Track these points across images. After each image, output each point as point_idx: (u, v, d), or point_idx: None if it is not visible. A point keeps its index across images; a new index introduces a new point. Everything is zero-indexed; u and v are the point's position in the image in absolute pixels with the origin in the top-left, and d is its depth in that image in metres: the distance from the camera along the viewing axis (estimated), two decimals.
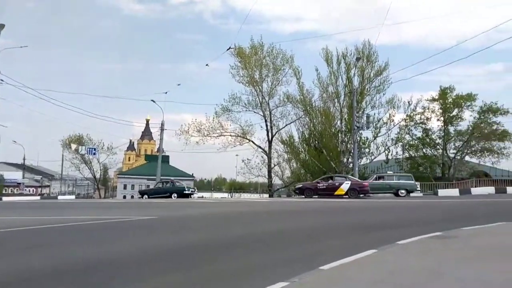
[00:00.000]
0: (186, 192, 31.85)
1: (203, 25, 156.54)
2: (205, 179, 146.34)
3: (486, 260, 5.67)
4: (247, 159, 39.12)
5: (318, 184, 26.31)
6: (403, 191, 27.04)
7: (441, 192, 29.03)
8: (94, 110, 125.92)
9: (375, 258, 6.06)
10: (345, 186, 25.04)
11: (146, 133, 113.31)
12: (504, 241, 7.19)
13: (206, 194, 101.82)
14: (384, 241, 7.48)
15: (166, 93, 37.72)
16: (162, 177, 39.63)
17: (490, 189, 29.34)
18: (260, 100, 38.64)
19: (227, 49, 28.92)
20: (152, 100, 38.20)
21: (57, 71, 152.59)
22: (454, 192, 28.45)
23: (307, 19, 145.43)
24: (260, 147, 39.40)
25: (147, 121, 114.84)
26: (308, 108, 40.99)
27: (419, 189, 30.34)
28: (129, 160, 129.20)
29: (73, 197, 40.13)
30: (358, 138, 41.04)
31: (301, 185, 27.79)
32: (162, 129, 38.99)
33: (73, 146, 44.14)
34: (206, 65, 36.27)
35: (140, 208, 17.67)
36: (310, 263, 5.85)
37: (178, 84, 44.63)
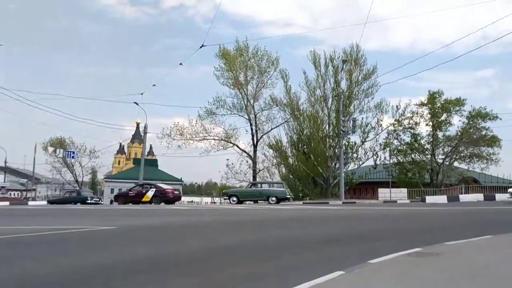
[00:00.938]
0: (89, 201, 36.11)
1: (194, 29, 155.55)
2: (196, 183, 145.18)
3: None
4: (231, 163, 38.16)
5: (129, 192, 28.90)
6: (273, 199, 28.15)
7: (429, 199, 28.26)
8: (84, 114, 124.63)
9: (339, 283, 5.10)
10: (150, 193, 27.17)
11: (136, 137, 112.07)
12: (491, 262, 6.24)
13: (196, 199, 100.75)
14: (355, 258, 6.57)
15: (142, 94, 36.63)
16: (145, 181, 38.58)
17: (479, 196, 28.67)
18: (245, 103, 37.78)
19: (200, 47, 27.99)
20: (135, 103, 37.11)
21: (45, 74, 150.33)
22: (442, 199, 27.72)
23: (298, 24, 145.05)
24: (244, 151, 38.46)
25: (137, 124, 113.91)
26: (295, 112, 40.20)
27: (288, 196, 30.52)
28: (119, 164, 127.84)
29: (44, 202, 38.61)
30: (346, 143, 40.54)
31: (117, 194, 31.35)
32: (145, 132, 37.98)
33: (50, 149, 42.80)
34: (180, 64, 35.06)
35: (104, 216, 16.55)
36: None
37: (153, 85, 43.41)
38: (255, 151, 38.47)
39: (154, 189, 27.81)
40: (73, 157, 43.41)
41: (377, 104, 38.97)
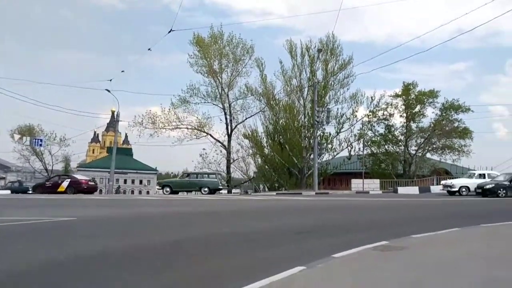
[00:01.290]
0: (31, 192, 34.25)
1: (170, 17, 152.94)
2: (172, 172, 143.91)
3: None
4: (205, 153, 37.56)
5: (46, 183, 29.70)
6: (206, 189, 28.24)
7: (401, 190, 28.46)
8: (57, 101, 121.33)
9: (298, 280, 4.79)
10: (65, 184, 27.65)
11: (111, 125, 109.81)
12: (455, 258, 6.03)
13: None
14: (318, 253, 6.28)
15: (111, 80, 35.55)
16: (116, 170, 37.91)
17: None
18: (220, 91, 37.14)
19: (168, 32, 27.21)
20: (107, 90, 36.02)
21: (15, 61, 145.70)
22: (414, 190, 27.95)
23: (275, 13, 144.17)
24: (218, 141, 37.90)
25: (112, 112, 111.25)
26: (271, 101, 39.85)
27: (221, 187, 30.51)
28: (93, 152, 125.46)
29: (8, 192, 37.15)
30: (321, 133, 40.54)
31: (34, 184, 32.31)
32: (117, 120, 37.01)
33: (16, 136, 41.34)
34: (149, 49, 34.05)
35: (67, 207, 15.87)
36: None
37: (122, 71, 42.29)
38: (229, 140, 37.97)
39: (69, 180, 28.39)
40: (40, 145, 41.95)
41: (353, 95, 39.02)
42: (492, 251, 6.53)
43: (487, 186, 23.04)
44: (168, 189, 28.74)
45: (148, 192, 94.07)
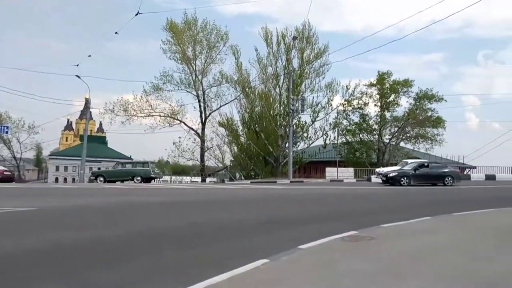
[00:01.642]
0: None
1: (147, 3, 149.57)
2: (197, 160, 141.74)
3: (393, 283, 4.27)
4: (179, 141, 36.89)
5: None
6: (138, 178, 28.13)
7: (374, 178, 28.52)
8: (26, 88, 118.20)
9: (258, 275, 4.51)
10: None
11: (85, 113, 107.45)
12: (423, 250, 5.84)
13: None
14: (285, 244, 6.02)
15: (77, 65, 34.45)
16: (89, 158, 37.03)
17: None
18: (193, 78, 36.42)
19: (136, 15, 26.38)
20: (77, 76, 34.95)
21: None
22: None
23: (252, 1, 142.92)
24: (192, 128, 37.27)
25: (86, 100, 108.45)
26: (247, 89, 39.42)
27: (153, 175, 30.04)
28: (66, 141, 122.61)
29: None
30: (297, 122, 40.40)
31: None
32: (88, 107, 36.00)
33: None
34: (116, 33, 33.01)
35: (27, 196, 15.23)
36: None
37: (89, 56, 41.05)
38: (203, 128, 37.38)
39: None
40: (7, 132, 40.49)
41: (328, 84, 38.91)
42: (461, 241, 6.38)
43: (391, 175, 23.25)
44: (101, 179, 28.57)
45: (122, 181, 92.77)
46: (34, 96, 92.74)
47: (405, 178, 22.70)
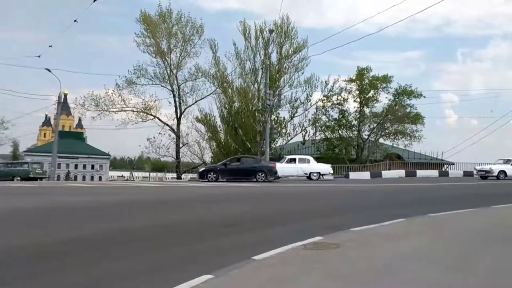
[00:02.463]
0: None
1: None
2: (128, 157, 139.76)
3: None
4: (153, 137, 35.78)
5: None
6: (18, 178, 28.33)
7: (352, 175, 28.12)
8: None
9: None
10: None
11: (64, 108, 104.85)
12: (395, 258, 5.18)
13: (126, 173, 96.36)
14: (237, 254, 5.32)
15: (39, 56, 33.12)
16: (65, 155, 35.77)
17: (401, 172, 28.95)
18: (168, 73, 35.33)
19: (94, 1, 25.23)
20: (47, 69, 33.58)
21: None
22: (365, 175, 27.68)
23: None
24: (167, 124, 36.17)
25: (65, 95, 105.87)
26: (224, 84, 38.60)
27: (32, 175, 29.52)
28: (44, 137, 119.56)
29: None
30: (275, 118, 39.78)
31: None
32: (59, 102, 34.62)
33: None
34: (75, 20, 31.62)
35: None
36: None
37: (50, 46, 39.78)
38: (178, 124, 36.29)
39: None
40: None
41: (307, 79, 38.33)
42: (435, 249, 5.74)
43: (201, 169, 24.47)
44: None
45: (100, 178, 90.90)
46: (4, 90, 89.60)
47: (212, 173, 22.78)
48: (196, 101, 37.24)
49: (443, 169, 37.54)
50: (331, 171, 26.30)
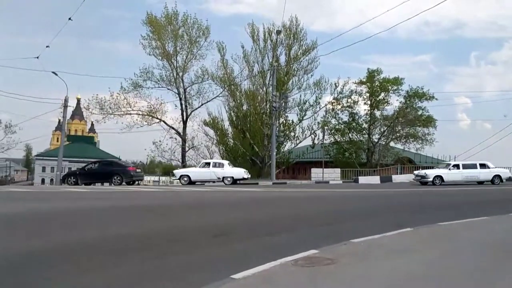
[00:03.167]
0: None
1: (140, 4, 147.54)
2: (140, 161, 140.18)
3: None
4: (159, 140, 35.26)
5: None
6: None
7: (362, 179, 27.28)
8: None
9: None
10: None
11: (77, 113, 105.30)
12: (399, 275, 4.49)
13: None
14: (217, 271, 4.68)
15: (37, 57, 32.86)
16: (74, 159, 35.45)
17: (412, 177, 27.99)
18: (174, 75, 34.87)
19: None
20: (54, 72, 33.34)
21: None
22: (375, 179, 26.84)
23: (245, 2, 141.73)
24: (173, 127, 35.66)
25: (78, 100, 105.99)
26: (232, 87, 38.08)
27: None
28: (57, 141, 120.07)
29: None
30: (283, 121, 39.13)
31: None
32: (65, 106, 34.24)
33: None
34: (69, 19, 31.05)
35: None
36: None
37: (47, 46, 39.47)
38: (184, 127, 35.80)
39: None
40: None
41: (317, 81, 37.67)
42: (446, 266, 5.00)
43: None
44: None
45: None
46: (12, 94, 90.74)
47: (72, 177, 23.76)
48: (202, 104, 36.81)
49: None
50: (247, 176, 26.19)
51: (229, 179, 24.82)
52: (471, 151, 38.64)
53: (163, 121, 35.21)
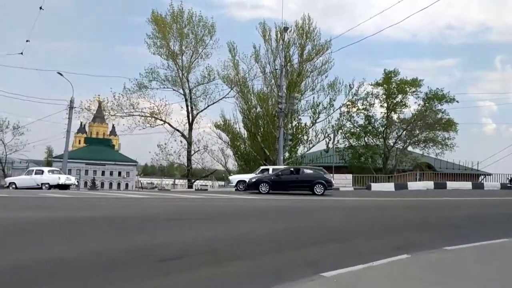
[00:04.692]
0: None
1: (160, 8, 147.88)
2: (160, 164, 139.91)
3: None
4: (164, 143, 34.07)
5: None
6: None
7: (375, 186, 25.52)
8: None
9: None
10: None
11: (98, 115, 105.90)
12: None
13: (156, 180, 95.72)
14: None
15: (21, 53, 32.14)
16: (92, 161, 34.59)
17: (429, 184, 26.16)
18: (180, 76, 33.69)
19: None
20: (59, 73, 32.76)
21: None
22: (389, 186, 25.07)
23: (265, 6, 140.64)
24: (178, 130, 34.45)
25: (100, 102, 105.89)
26: (243, 88, 36.77)
27: None
28: (79, 143, 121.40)
29: None
30: (296, 124, 37.70)
31: None
32: (71, 107, 33.54)
33: None
34: (40, 7, 29.96)
35: None
36: None
37: (27, 41, 38.73)
38: (190, 130, 34.56)
39: None
40: None
41: (331, 83, 36.04)
42: None
43: None
44: None
45: (127, 186, 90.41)
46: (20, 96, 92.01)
47: None
48: (208, 106, 35.55)
49: (478, 181, 34.30)
50: (74, 182, 27.37)
51: (46, 185, 25.06)
52: (495, 156, 36.50)
53: (168, 123, 34.09)
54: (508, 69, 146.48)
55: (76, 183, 28.81)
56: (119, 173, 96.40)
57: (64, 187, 25.68)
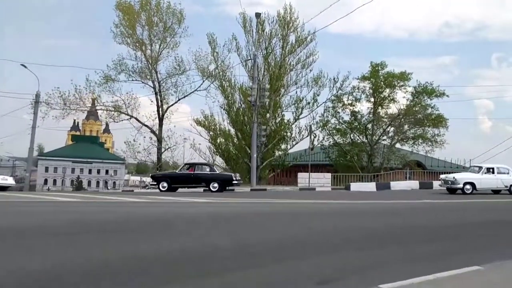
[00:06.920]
0: None
1: None
2: (152, 161, 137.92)
3: None
4: (133, 140, 31.89)
5: None
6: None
7: (354, 186, 23.50)
8: None
9: None
10: None
11: (92, 113, 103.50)
12: None
13: (147, 179, 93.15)
14: None
15: None
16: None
17: (414, 184, 24.23)
18: (149, 67, 31.50)
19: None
20: (23, 65, 30.62)
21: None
22: (370, 186, 23.13)
23: (263, 3, 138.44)
24: (147, 125, 32.24)
25: (93, 100, 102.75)
26: (223, 82, 34.81)
27: None
28: (72, 141, 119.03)
29: None
30: (280, 120, 36.05)
31: None
32: (36, 102, 31.35)
33: None
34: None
35: None
36: None
37: None
38: (160, 125, 32.40)
39: None
40: None
41: (315, 77, 34.19)
42: None
43: None
44: None
45: (114, 184, 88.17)
46: None
47: None
48: (179, 99, 33.37)
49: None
50: (11, 183, 26.01)
51: None
52: (490, 152, 34.49)
53: (135, 118, 31.82)
54: (504, 67, 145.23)
55: (13, 183, 26.61)
56: (107, 172, 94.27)
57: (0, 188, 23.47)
